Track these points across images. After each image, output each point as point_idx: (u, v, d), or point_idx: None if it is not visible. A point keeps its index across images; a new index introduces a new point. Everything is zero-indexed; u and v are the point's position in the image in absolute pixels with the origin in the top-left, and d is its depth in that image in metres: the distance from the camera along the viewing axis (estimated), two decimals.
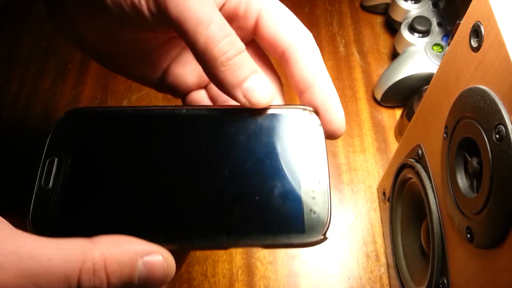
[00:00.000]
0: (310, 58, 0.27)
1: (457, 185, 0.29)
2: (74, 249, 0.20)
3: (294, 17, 0.28)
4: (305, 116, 0.26)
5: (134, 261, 0.21)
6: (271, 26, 0.27)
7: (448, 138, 0.30)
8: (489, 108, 0.25)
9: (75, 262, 0.20)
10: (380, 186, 0.51)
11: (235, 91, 0.25)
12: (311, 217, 0.24)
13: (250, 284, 0.46)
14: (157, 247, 0.22)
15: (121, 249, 0.21)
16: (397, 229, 0.43)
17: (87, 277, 0.20)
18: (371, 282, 0.47)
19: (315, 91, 0.26)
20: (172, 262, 0.23)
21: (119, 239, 0.22)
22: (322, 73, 0.27)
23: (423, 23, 0.57)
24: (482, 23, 0.26)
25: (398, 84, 0.56)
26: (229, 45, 0.24)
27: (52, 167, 0.25)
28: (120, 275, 0.21)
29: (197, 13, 0.24)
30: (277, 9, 0.27)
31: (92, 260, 0.20)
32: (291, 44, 0.27)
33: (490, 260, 0.25)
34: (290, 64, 0.27)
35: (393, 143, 0.57)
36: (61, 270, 0.20)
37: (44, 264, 0.19)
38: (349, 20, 0.68)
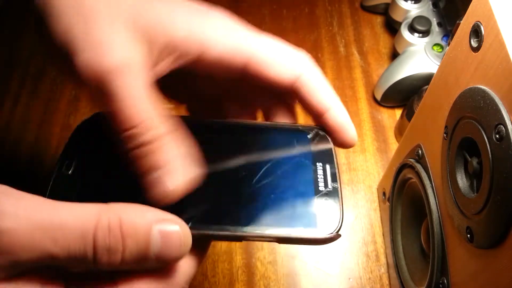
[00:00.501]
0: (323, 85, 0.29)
1: (457, 185, 0.29)
2: (90, 208, 0.20)
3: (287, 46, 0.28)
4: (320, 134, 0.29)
5: (149, 227, 0.21)
6: (271, 65, 0.28)
7: (448, 138, 0.30)
8: (489, 108, 0.25)
9: (90, 220, 0.20)
10: (380, 186, 0.51)
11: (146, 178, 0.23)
12: (325, 215, 0.26)
13: (250, 284, 0.46)
14: (173, 216, 0.22)
15: (137, 214, 0.21)
16: (397, 229, 0.43)
17: (102, 235, 0.20)
18: (371, 282, 0.47)
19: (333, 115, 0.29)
20: (188, 233, 0.22)
21: (134, 205, 0.21)
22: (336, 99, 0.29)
23: (423, 23, 0.57)
24: (482, 23, 0.26)
25: (398, 84, 0.56)
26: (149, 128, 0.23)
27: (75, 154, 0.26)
28: (135, 238, 0.20)
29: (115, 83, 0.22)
30: (270, 47, 0.28)
31: (107, 218, 0.20)
32: (299, 76, 0.28)
33: (490, 260, 0.25)
34: (306, 92, 0.28)
35: (393, 143, 0.57)
36: (77, 226, 0.20)
37: (62, 218, 0.19)
38: (349, 20, 0.68)
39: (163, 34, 0.24)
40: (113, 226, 0.20)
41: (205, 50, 0.26)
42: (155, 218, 0.21)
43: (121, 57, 0.22)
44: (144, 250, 0.21)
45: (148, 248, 0.21)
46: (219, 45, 0.26)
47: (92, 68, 0.22)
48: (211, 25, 0.26)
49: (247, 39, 0.27)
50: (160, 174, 0.23)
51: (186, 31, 0.25)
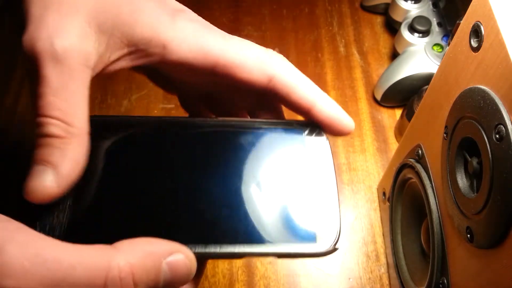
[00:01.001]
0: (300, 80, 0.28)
1: (457, 185, 0.29)
2: (98, 256, 0.20)
3: (254, 45, 0.28)
4: (314, 132, 0.28)
5: (159, 264, 0.21)
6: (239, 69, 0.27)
7: (448, 138, 0.30)
8: (489, 108, 0.25)
9: (100, 270, 0.19)
10: (380, 186, 0.51)
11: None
12: (322, 228, 0.25)
13: (250, 284, 0.46)
14: (178, 245, 0.22)
15: (145, 253, 0.21)
16: (397, 229, 0.43)
17: (113, 286, 0.19)
18: (371, 282, 0.47)
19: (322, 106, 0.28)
20: (193, 258, 0.22)
21: (141, 242, 0.21)
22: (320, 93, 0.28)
23: (423, 23, 0.57)
24: (482, 23, 0.26)
25: (398, 84, 0.56)
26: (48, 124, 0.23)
27: None
28: (146, 280, 0.20)
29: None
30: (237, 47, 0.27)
31: (117, 268, 0.20)
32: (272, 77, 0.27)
33: (490, 260, 0.25)
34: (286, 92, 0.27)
35: (393, 143, 0.57)
36: (86, 278, 0.19)
37: (68, 271, 0.19)
38: (349, 20, 0.68)
39: (123, 32, 0.24)
40: (124, 275, 0.20)
41: (168, 52, 0.25)
42: (163, 252, 0.21)
43: (67, 44, 0.22)
44: (154, 285, 0.21)
45: (159, 283, 0.21)
46: (183, 47, 0.25)
47: (32, 45, 0.22)
48: (176, 27, 0.26)
49: (215, 41, 0.26)
50: (43, 170, 0.22)
51: (148, 32, 0.25)
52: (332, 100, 0.28)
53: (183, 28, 0.26)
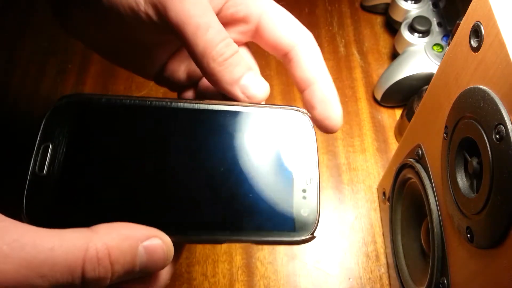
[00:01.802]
0: (312, 59, 0.28)
1: (457, 185, 0.29)
2: (76, 238, 0.20)
3: (295, 19, 0.29)
4: (297, 117, 0.27)
5: (135, 248, 0.22)
6: (273, 30, 0.28)
7: (448, 138, 0.30)
8: (489, 108, 0.25)
9: (78, 251, 0.20)
10: (380, 186, 0.51)
11: (233, 88, 0.26)
12: (301, 216, 0.25)
13: (250, 284, 0.46)
14: (155, 230, 0.23)
15: (122, 236, 0.21)
16: (397, 229, 0.43)
17: (91, 266, 0.20)
18: (371, 282, 0.47)
19: (316, 90, 0.28)
20: (170, 244, 0.23)
21: (119, 226, 0.22)
22: (323, 73, 0.28)
23: (423, 23, 0.57)
24: (482, 23, 0.26)
25: (398, 84, 0.56)
26: (226, 47, 0.26)
27: (47, 153, 0.24)
28: (123, 262, 0.21)
29: (197, 19, 0.25)
30: (278, 12, 0.29)
31: (95, 249, 0.20)
32: (294, 46, 0.28)
33: (490, 260, 0.25)
34: (293, 64, 0.28)
35: (393, 143, 0.57)
36: (64, 260, 0.20)
37: (47, 253, 0.19)
38: (349, 20, 0.68)
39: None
40: (102, 256, 0.20)
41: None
42: (140, 236, 0.22)
43: None
44: (131, 269, 0.22)
45: (135, 266, 0.22)
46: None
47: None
48: None
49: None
50: (246, 82, 0.26)
51: None
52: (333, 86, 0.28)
53: None
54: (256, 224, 0.25)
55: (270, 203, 0.25)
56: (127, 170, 0.25)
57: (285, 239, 0.25)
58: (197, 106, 0.26)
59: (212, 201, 0.25)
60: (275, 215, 0.25)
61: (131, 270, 0.21)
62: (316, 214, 0.25)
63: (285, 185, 0.25)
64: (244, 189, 0.25)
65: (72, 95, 0.26)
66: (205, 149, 0.26)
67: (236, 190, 0.25)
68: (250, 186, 0.25)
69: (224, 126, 0.26)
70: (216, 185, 0.25)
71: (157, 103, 0.26)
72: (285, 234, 0.25)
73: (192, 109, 0.26)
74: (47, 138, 0.25)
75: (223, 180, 0.25)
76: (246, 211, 0.25)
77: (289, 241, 0.25)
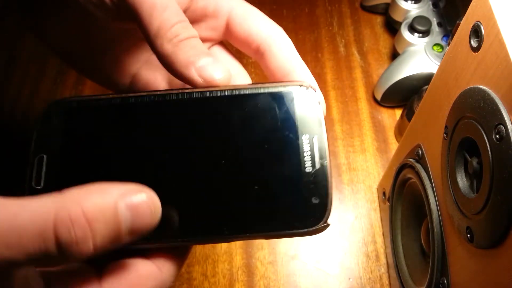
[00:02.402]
0: (286, 49, 0.27)
1: (457, 185, 0.29)
2: (42, 201, 0.18)
3: (264, 15, 0.28)
4: (301, 92, 0.25)
5: (114, 204, 0.19)
6: (243, 24, 0.28)
7: (448, 138, 0.30)
8: (489, 108, 0.25)
9: (46, 214, 0.18)
10: (380, 186, 0.51)
11: (188, 71, 0.24)
12: (312, 204, 0.23)
13: (250, 284, 0.46)
14: (136, 185, 0.20)
15: (97, 194, 0.19)
16: (397, 229, 0.43)
17: (65, 228, 0.18)
18: (371, 282, 0.47)
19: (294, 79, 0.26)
20: (156, 199, 0.21)
21: (92, 186, 0.19)
22: (299, 62, 0.27)
23: (423, 23, 0.57)
24: (482, 23, 0.26)
25: (398, 84, 0.56)
26: (182, 29, 0.24)
27: (42, 165, 0.23)
28: (103, 220, 0.19)
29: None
30: (247, 8, 0.28)
31: (66, 209, 0.18)
32: (266, 38, 0.27)
33: (490, 260, 0.25)
34: (267, 56, 0.27)
35: (393, 143, 0.57)
36: (32, 224, 0.17)
37: (11, 220, 0.17)
38: (349, 20, 0.68)
39: None
40: (75, 215, 0.18)
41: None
42: (118, 192, 0.19)
43: None
44: (116, 229, 0.19)
45: (119, 225, 0.19)
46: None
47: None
48: None
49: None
50: (204, 63, 0.24)
51: None
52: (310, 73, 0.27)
53: None
54: (264, 218, 0.23)
55: (279, 194, 0.23)
56: (128, 172, 0.23)
57: (297, 231, 0.23)
58: (191, 95, 0.24)
59: (216, 197, 0.23)
60: (285, 206, 0.23)
61: (116, 231, 0.19)
62: (329, 201, 0.23)
63: (293, 172, 0.23)
64: (249, 181, 0.23)
65: (58, 100, 0.24)
66: (205, 140, 0.24)
67: (240, 183, 0.23)
68: (255, 177, 0.23)
69: (222, 113, 0.24)
70: (220, 179, 0.23)
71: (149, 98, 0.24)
72: (297, 225, 0.23)
73: (186, 98, 0.24)
74: (40, 149, 0.24)
75: (226, 174, 0.23)
76: (253, 205, 0.23)
77: (302, 232, 0.23)
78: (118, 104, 0.24)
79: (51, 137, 0.24)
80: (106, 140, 0.24)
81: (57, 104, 0.24)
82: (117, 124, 0.24)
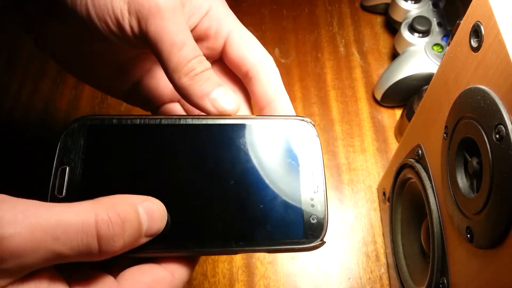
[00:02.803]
0: (272, 78, 0.30)
1: (457, 185, 0.29)
2: (83, 204, 0.21)
3: (258, 41, 0.31)
4: (302, 126, 0.28)
5: (136, 208, 0.23)
6: (238, 48, 0.30)
7: (448, 138, 0.30)
8: (489, 108, 0.25)
9: (88, 212, 0.21)
10: (380, 186, 0.51)
11: (203, 102, 0.27)
12: (310, 223, 0.26)
13: (250, 284, 0.46)
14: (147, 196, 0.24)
15: (122, 200, 0.23)
16: (397, 229, 0.43)
17: (104, 224, 0.21)
18: (371, 282, 0.47)
19: (276, 108, 0.30)
20: (163, 208, 0.25)
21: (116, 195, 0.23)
22: (282, 92, 0.30)
23: (423, 23, 0.57)
24: (482, 23, 0.26)
25: (398, 84, 0.56)
26: (197, 63, 0.27)
27: (64, 176, 0.25)
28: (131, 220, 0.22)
29: (173, 37, 0.27)
30: (244, 34, 0.31)
31: (104, 210, 0.21)
32: (255, 65, 0.30)
33: (490, 260, 0.25)
34: (254, 82, 0.30)
35: (393, 143, 0.57)
36: (77, 221, 0.21)
37: (59, 216, 0.20)
38: (349, 20, 0.68)
39: None
40: (112, 214, 0.21)
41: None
42: (138, 200, 0.23)
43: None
44: (139, 229, 0.23)
45: (141, 226, 0.23)
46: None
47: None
48: None
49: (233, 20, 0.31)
50: (216, 95, 0.27)
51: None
52: (290, 104, 0.30)
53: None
54: (268, 234, 0.26)
55: (281, 213, 0.26)
56: (142, 187, 0.25)
57: (296, 247, 0.26)
58: (205, 121, 0.27)
59: (225, 214, 0.26)
60: (286, 224, 0.26)
61: (138, 231, 0.23)
62: (325, 221, 0.26)
63: (293, 194, 0.26)
64: (255, 200, 0.26)
65: (82, 117, 0.27)
66: (216, 163, 0.27)
67: (247, 202, 0.26)
68: (261, 197, 0.26)
69: (233, 139, 0.27)
70: (228, 198, 0.26)
71: (166, 121, 0.27)
72: (296, 242, 0.26)
73: (200, 124, 0.27)
74: (63, 161, 0.26)
75: (234, 193, 0.26)
76: (257, 222, 0.26)
77: (300, 248, 0.26)
78: (137, 125, 0.27)
79: (73, 151, 0.26)
80: (125, 157, 0.27)
81: (81, 120, 0.27)
82: (135, 143, 0.27)
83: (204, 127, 0.27)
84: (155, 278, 0.24)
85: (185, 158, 0.27)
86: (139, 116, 0.27)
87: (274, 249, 0.26)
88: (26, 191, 0.25)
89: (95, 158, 0.26)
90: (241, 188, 0.26)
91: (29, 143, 0.54)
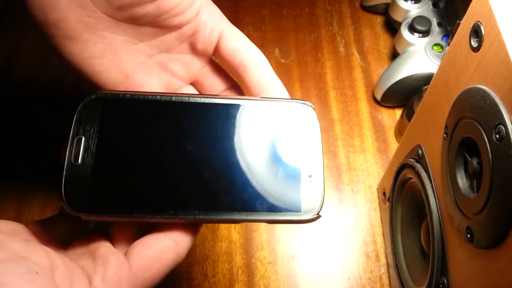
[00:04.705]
0: (266, 67, 0.32)
1: (457, 185, 0.29)
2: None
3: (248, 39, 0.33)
4: (303, 108, 0.30)
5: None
6: (231, 41, 0.32)
7: (448, 138, 0.30)
8: (489, 108, 0.25)
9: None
10: (380, 186, 0.51)
11: None
12: (308, 198, 0.28)
13: (250, 284, 0.46)
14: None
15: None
16: (397, 229, 0.43)
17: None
18: (371, 282, 0.47)
19: (272, 92, 0.31)
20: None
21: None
22: (276, 79, 0.32)
23: (423, 23, 0.57)
24: (482, 23, 0.26)
25: (398, 84, 0.56)
26: None
27: (80, 144, 0.27)
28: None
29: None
30: (236, 32, 0.33)
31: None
32: (249, 55, 0.32)
33: (490, 260, 0.25)
34: (248, 70, 0.31)
35: (393, 143, 0.57)
36: None
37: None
38: (349, 20, 0.68)
39: None
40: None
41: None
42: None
43: None
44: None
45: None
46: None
47: None
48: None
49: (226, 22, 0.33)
50: None
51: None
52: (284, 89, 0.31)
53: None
54: (268, 206, 0.28)
55: (280, 187, 0.28)
56: (153, 159, 0.28)
57: (294, 218, 0.28)
58: (215, 100, 0.30)
59: (230, 185, 0.28)
60: (285, 198, 0.28)
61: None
62: (321, 196, 0.28)
63: (293, 171, 0.29)
64: (258, 174, 0.28)
65: (98, 93, 0.29)
66: (223, 138, 0.29)
67: (250, 175, 0.28)
68: (262, 172, 0.28)
69: (239, 118, 0.29)
70: (233, 171, 0.28)
71: (176, 99, 0.29)
72: (294, 214, 0.28)
73: (208, 103, 0.29)
74: (79, 131, 0.28)
75: (239, 166, 0.28)
76: (259, 194, 0.28)
77: (298, 220, 0.28)
78: (151, 100, 0.29)
79: (88, 123, 0.28)
80: (138, 129, 0.28)
81: (97, 95, 0.29)
82: (148, 118, 0.29)
83: (213, 105, 0.29)
84: (161, 249, 0.26)
85: (195, 133, 0.28)
86: (154, 93, 0.29)
87: (274, 220, 0.28)
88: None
89: (109, 130, 0.28)
90: (245, 162, 0.28)
91: (30, 142, 0.55)
